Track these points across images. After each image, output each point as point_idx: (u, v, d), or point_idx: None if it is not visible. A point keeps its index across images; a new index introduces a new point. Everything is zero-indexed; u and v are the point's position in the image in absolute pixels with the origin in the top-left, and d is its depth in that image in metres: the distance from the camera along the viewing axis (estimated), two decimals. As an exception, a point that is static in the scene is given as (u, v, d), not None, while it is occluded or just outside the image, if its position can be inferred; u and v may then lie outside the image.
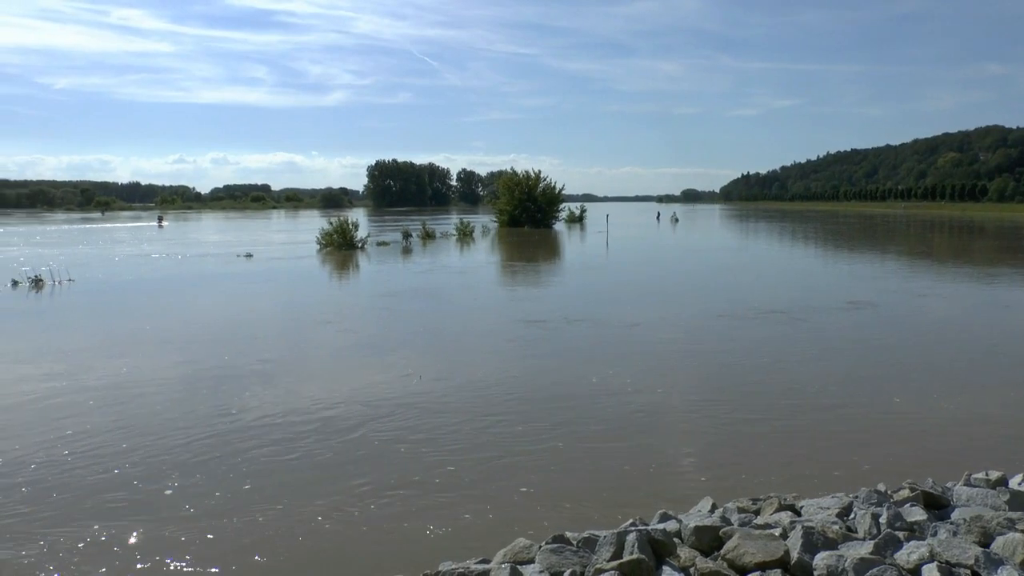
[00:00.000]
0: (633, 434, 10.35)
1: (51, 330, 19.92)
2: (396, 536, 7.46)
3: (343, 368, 14.69)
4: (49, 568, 6.85)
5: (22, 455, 9.70)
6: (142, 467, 9.26)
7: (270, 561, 6.99)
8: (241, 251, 44.95)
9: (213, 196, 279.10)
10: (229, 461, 9.44)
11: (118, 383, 13.63)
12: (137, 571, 6.80)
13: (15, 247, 54.33)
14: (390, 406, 11.73)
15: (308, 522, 7.73)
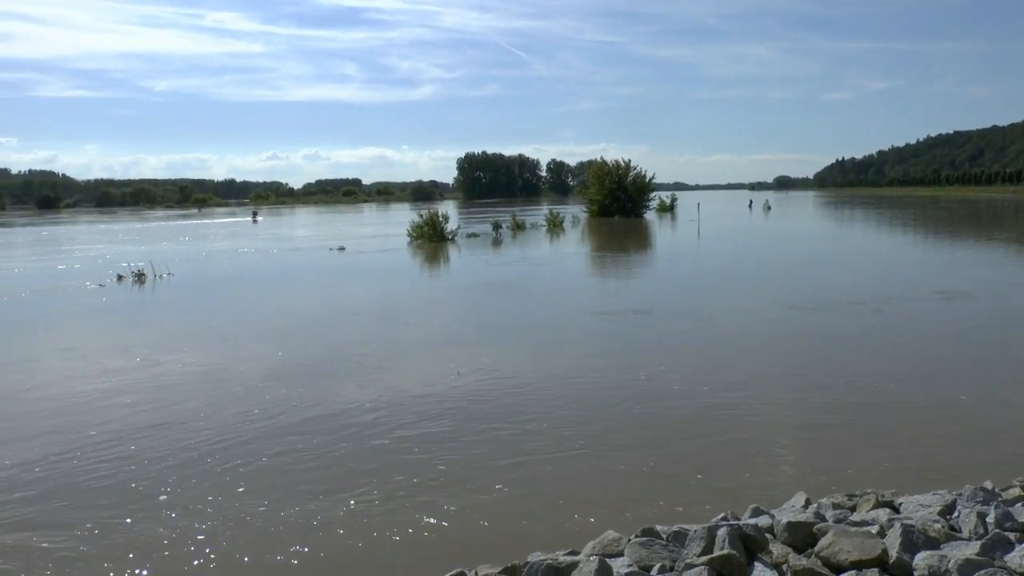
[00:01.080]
0: (717, 428, 10.13)
1: (151, 321, 20.74)
2: (483, 526, 7.46)
3: (426, 360, 14.75)
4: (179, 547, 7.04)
5: (130, 435, 10.04)
6: (237, 452, 9.48)
7: (370, 543, 7.11)
8: (334, 245, 45.54)
9: (305, 191, 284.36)
10: (317, 448, 9.60)
11: (212, 372, 14.09)
12: (255, 555, 6.98)
13: (119, 244, 56.22)
14: (471, 398, 11.75)
15: (393, 510, 7.78)
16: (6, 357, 16.06)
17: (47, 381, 13.65)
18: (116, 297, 25.88)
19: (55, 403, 12.08)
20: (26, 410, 11.75)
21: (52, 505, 8.13)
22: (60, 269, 37.00)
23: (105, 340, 17.95)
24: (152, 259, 33.35)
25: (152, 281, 29.48)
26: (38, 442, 10.11)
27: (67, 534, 7.46)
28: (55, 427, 10.78)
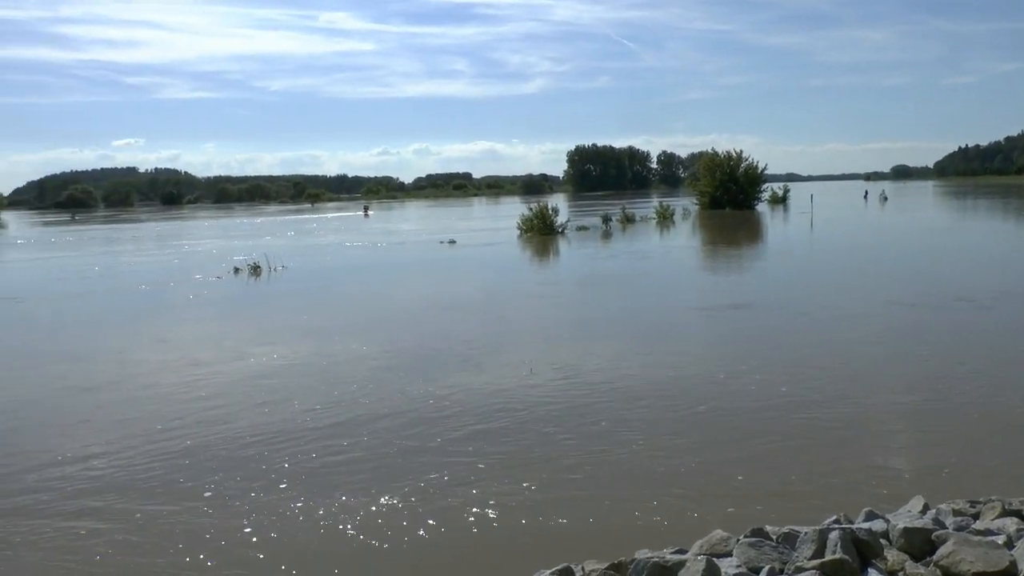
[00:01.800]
0: (825, 427, 9.82)
1: (262, 313, 21.58)
2: (589, 521, 7.42)
3: (523, 352, 14.74)
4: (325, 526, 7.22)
5: (252, 420, 10.39)
6: (356, 435, 9.68)
7: (473, 535, 7.19)
8: (444, 238, 46.02)
9: (416, 185, 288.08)
10: (426, 436, 9.72)
11: (326, 362, 14.43)
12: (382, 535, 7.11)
13: (236, 238, 57.94)
14: (572, 392, 11.71)
15: (495, 503, 7.83)
16: (132, 343, 16.94)
17: (172, 368, 14.28)
18: (233, 289, 26.96)
19: (189, 387, 12.64)
20: (156, 394, 12.34)
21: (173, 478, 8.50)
22: (182, 263, 38.46)
23: (222, 330, 18.71)
24: (267, 252, 34.35)
25: (267, 274, 30.45)
26: (167, 423, 10.62)
27: (192, 504, 7.80)
28: (192, 408, 11.29)
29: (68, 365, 15.02)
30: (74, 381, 13.68)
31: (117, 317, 22.02)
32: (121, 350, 16.54)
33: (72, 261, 42.84)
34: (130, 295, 26.48)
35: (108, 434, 10.43)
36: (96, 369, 14.77)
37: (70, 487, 8.63)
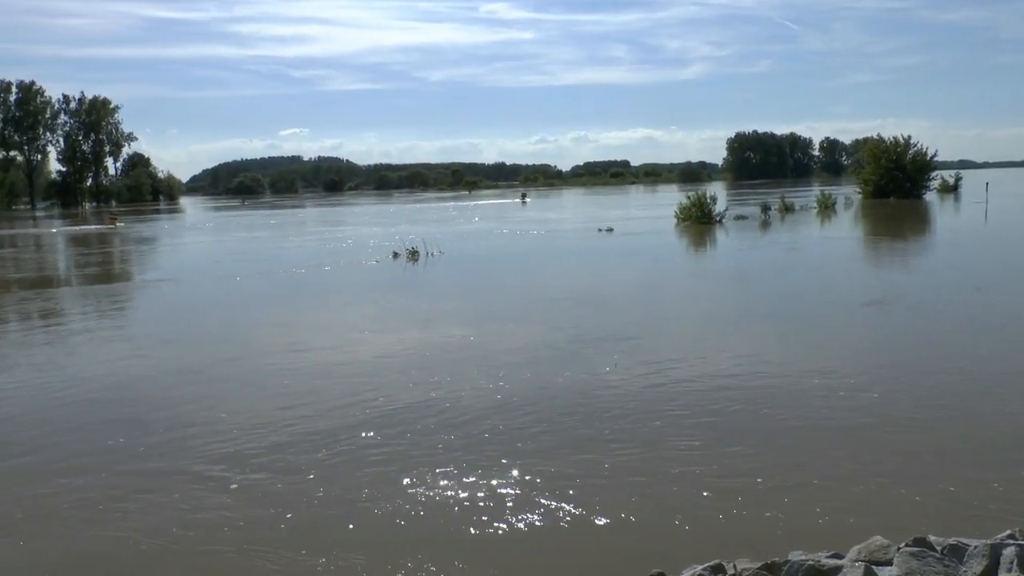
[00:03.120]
0: (995, 438, 9.19)
1: (421, 297, 22.06)
2: (743, 514, 7.29)
3: (695, 342, 14.60)
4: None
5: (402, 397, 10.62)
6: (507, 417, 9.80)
7: (628, 525, 7.14)
8: (601, 226, 45.93)
9: (573, 173, 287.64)
10: (587, 425, 9.71)
11: (480, 343, 14.75)
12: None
13: (395, 224, 59.50)
14: (736, 385, 11.47)
15: (647, 494, 7.76)
16: (291, 323, 17.65)
17: (330, 348, 14.75)
18: (391, 273, 27.83)
19: (334, 367, 13.04)
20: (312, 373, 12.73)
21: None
22: (342, 247, 39.83)
23: (378, 311, 19.32)
24: (424, 238, 35.12)
25: (424, 259, 31.18)
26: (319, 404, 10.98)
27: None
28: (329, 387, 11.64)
29: (236, 343, 15.81)
30: (237, 354, 14.42)
31: (279, 298, 23.03)
32: (284, 328, 17.26)
33: (241, 244, 45.08)
34: (291, 277, 27.75)
35: (267, 404, 10.90)
36: (261, 346, 15.47)
37: (231, 449, 9.07)
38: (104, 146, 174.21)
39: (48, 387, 12.73)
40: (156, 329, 18.55)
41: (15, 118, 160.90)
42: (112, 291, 26.19)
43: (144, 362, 14.45)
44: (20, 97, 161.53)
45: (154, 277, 30.88)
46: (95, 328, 18.92)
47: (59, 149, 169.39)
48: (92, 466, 9.05)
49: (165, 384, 12.77)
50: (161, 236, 58.43)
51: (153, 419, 10.76)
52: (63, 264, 39.80)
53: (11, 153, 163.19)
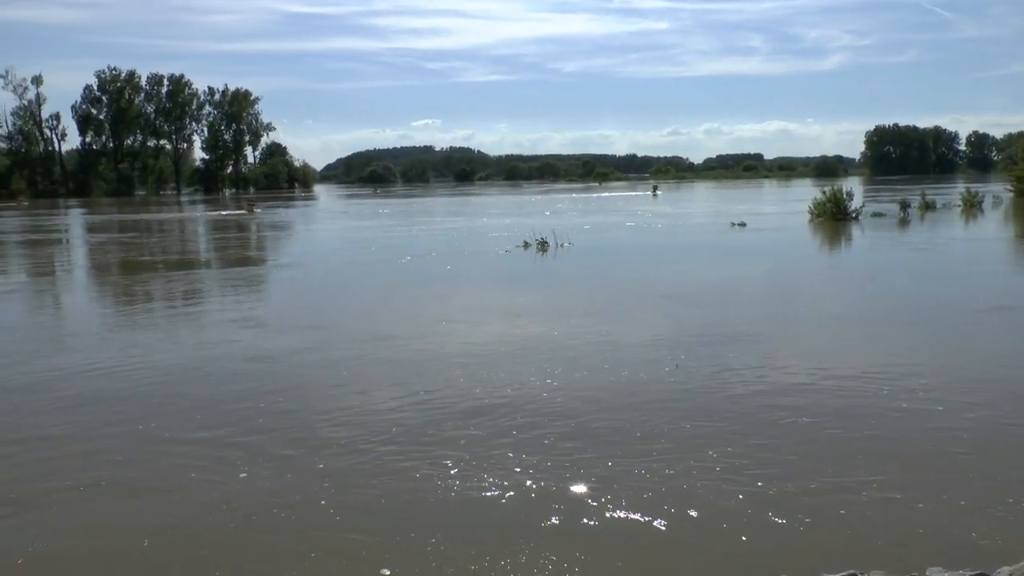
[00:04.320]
0: None
1: (551, 287, 22.20)
2: (880, 526, 6.92)
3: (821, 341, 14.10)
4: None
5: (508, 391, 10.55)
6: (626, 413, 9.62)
7: (754, 531, 6.87)
8: (733, 220, 44.95)
9: (705, 166, 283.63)
10: (702, 423, 9.45)
11: (606, 338, 14.46)
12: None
13: (524, 215, 59.76)
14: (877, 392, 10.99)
15: (774, 499, 7.46)
16: (422, 309, 17.78)
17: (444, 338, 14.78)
18: (521, 263, 28.02)
19: (462, 355, 13.04)
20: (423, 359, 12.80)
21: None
22: (472, 236, 40.29)
23: (510, 300, 19.18)
24: (555, 229, 35.13)
25: (553, 250, 31.18)
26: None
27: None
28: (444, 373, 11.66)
29: (369, 332, 15.98)
30: (366, 341, 14.58)
31: (409, 285, 23.40)
32: (414, 315, 17.50)
33: (372, 232, 45.98)
34: (422, 265, 28.08)
35: (399, 389, 10.98)
36: (417, 330, 15.60)
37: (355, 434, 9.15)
38: (244, 135, 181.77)
39: (172, 363, 13.25)
40: (283, 312, 19.12)
41: (165, 109, 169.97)
42: (248, 274, 27.24)
43: (266, 343, 14.91)
44: (170, 90, 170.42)
45: (287, 261, 31.90)
46: (231, 308, 19.65)
47: (203, 138, 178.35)
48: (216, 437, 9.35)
49: (276, 364, 13.16)
50: (295, 222, 60.26)
51: (265, 390, 11.12)
52: (203, 247, 41.33)
53: (161, 142, 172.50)
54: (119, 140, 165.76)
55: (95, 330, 17.60)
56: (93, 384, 12.10)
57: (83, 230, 55.80)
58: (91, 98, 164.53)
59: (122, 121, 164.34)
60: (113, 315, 19.90)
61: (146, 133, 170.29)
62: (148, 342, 15.48)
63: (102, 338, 16.30)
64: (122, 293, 23.92)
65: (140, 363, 13.38)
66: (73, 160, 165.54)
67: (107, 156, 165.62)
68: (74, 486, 8.13)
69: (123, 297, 23.03)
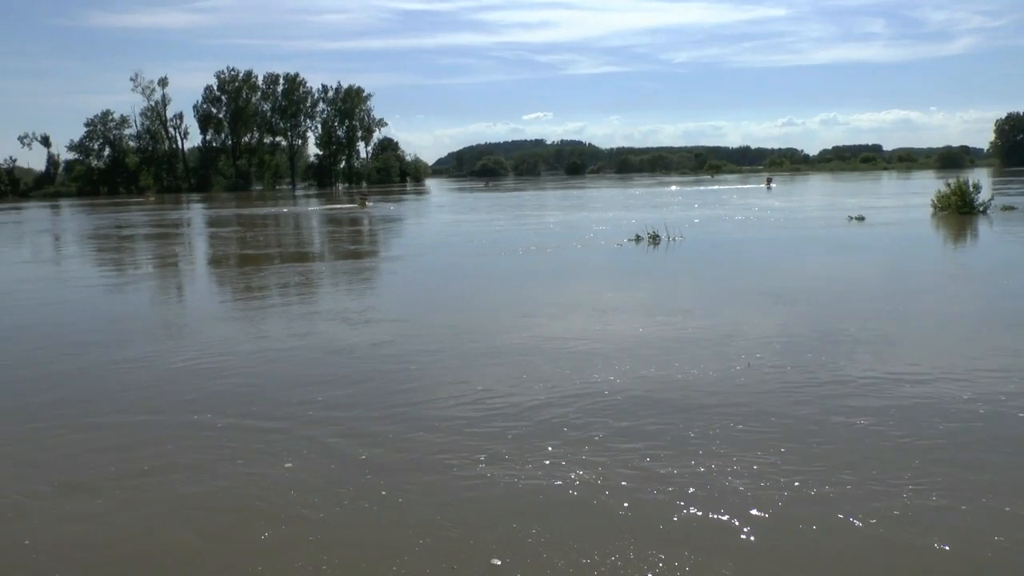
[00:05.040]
0: None
1: (663, 280, 21.62)
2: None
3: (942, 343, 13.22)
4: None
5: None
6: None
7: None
8: (850, 213, 43.33)
9: (821, 158, 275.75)
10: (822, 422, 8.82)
11: (720, 333, 14.00)
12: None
13: (636, 208, 59.20)
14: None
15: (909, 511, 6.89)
16: (535, 302, 17.44)
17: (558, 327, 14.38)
18: (633, 256, 27.62)
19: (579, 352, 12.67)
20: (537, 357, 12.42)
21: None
22: (584, 229, 39.86)
23: (622, 295, 18.67)
24: (666, 222, 34.50)
25: (665, 243, 30.61)
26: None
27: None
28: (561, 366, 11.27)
29: (452, 325, 15.66)
30: (481, 333, 14.31)
31: (520, 276, 23.39)
32: (501, 309, 17.28)
33: (483, 225, 46.11)
34: (533, 257, 28.02)
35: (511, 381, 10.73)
36: (499, 324, 15.55)
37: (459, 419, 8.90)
38: (357, 131, 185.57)
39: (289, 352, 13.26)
40: (376, 304, 19.18)
41: (281, 107, 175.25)
42: (351, 267, 27.62)
43: (351, 335, 14.90)
44: (286, 88, 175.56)
45: (391, 255, 32.00)
46: (328, 300, 19.82)
47: (317, 135, 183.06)
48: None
49: (352, 356, 13.22)
50: (405, 216, 60.80)
51: (331, 380, 11.08)
52: (314, 240, 42.00)
53: (277, 139, 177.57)
54: (237, 137, 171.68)
55: (190, 320, 18.08)
56: (153, 372, 12.33)
57: (203, 224, 57.42)
58: (211, 98, 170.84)
59: (240, 119, 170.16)
60: (214, 305, 20.41)
61: (262, 130, 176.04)
62: (236, 333, 15.79)
63: (192, 328, 16.76)
64: (229, 285, 24.57)
65: (222, 352, 13.75)
66: (194, 157, 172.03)
67: (226, 153, 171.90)
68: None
69: (229, 289, 23.64)
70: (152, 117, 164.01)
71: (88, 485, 8.15)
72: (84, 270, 30.28)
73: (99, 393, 11.58)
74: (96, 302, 21.40)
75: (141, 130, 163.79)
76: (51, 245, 43.88)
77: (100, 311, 19.81)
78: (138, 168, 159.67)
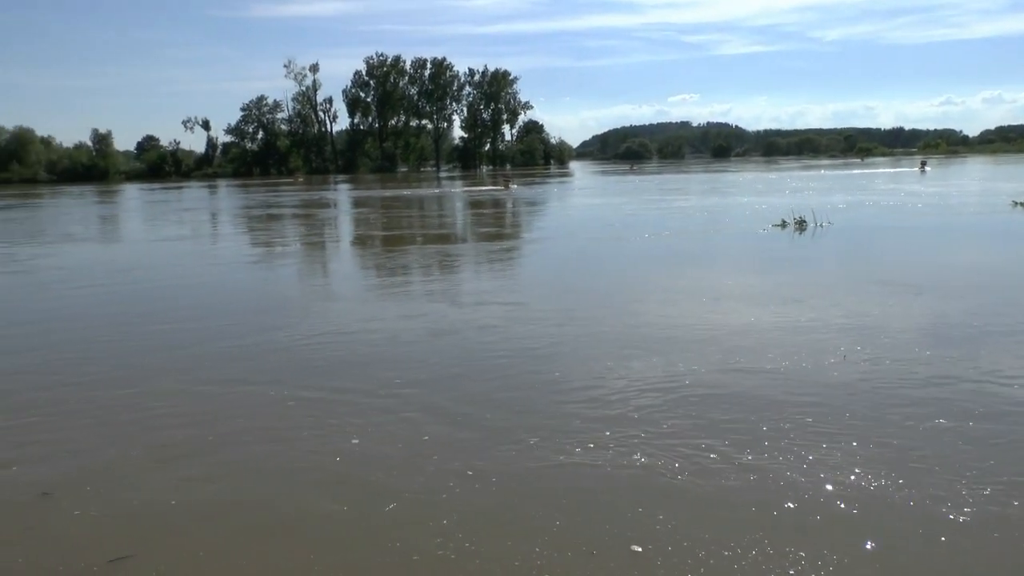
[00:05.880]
0: None
1: (782, 269, 20.92)
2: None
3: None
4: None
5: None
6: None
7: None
8: (1016, 198, 40.31)
9: (982, 139, 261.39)
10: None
11: (797, 325, 13.50)
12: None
13: (782, 192, 57.61)
14: None
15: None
16: (676, 287, 17.16)
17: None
18: (777, 243, 26.81)
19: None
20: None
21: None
22: (728, 213, 39.17)
23: (764, 281, 18.28)
24: (814, 207, 33.27)
25: (812, 229, 29.52)
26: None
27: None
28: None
29: (561, 309, 15.51)
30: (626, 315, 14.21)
31: (662, 261, 23.03)
32: (613, 295, 17.01)
33: (627, 208, 45.90)
34: (675, 241, 27.53)
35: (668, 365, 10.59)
36: (607, 310, 15.29)
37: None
38: (502, 114, 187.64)
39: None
40: (494, 287, 19.25)
41: (428, 91, 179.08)
42: (491, 248, 27.66)
43: (459, 316, 15.07)
44: (433, 72, 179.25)
45: (527, 238, 32.07)
46: (449, 281, 20.08)
47: (462, 118, 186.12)
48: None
49: (452, 337, 13.25)
50: (548, 198, 60.80)
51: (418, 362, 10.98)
52: (456, 222, 42.45)
53: (423, 122, 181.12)
54: (384, 121, 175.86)
55: (312, 299, 18.37)
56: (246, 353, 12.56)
57: (348, 205, 58.87)
58: (360, 82, 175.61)
59: (387, 103, 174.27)
60: (340, 285, 21.04)
61: (409, 113, 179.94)
62: (348, 312, 16.20)
63: (305, 307, 16.95)
64: (360, 265, 25.31)
65: (330, 330, 14.14)
66: (342, 140, 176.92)
67: (372, 136, 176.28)
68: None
69: (359, 268, 24.34)
70: (303, 102, 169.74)
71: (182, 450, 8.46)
72: (228, 247, 31.89)
73: (205, 362, 12.09)
74: (228, 277, 22.31)
75: (292, 114, 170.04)
76: (208, 222, 45.97)
77: (229, 286, 20.66)
78: (288, 150, 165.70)
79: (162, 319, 15.61)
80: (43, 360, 12.51)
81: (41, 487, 7.65)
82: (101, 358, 12.58)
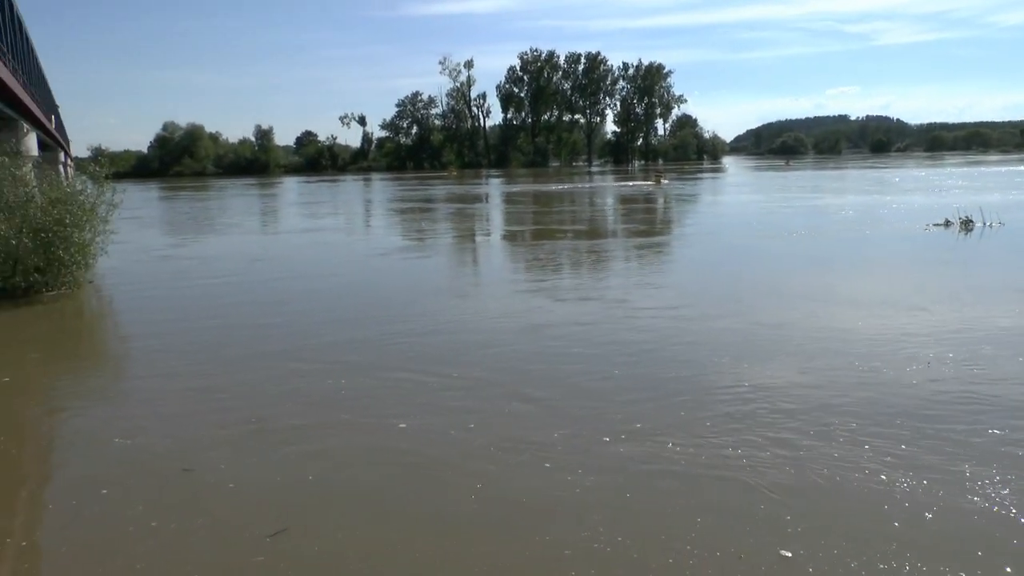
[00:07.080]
0: None
1: (916, 271, 20.25)
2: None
3: None
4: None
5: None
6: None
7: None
8: None
9: None
10: None
11: (897, 330, 12.97)
12: None
13: (946, 189, 54.96)
14: None
15: None
16: (831, 286, 16.59)
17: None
18: (940, 242, 25.37)
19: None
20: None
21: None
22: (887, 211, 37.52)
23: (926, 282, 17.60)
24: (982, 206, 31.56)
25: (980, 229, 27.92)
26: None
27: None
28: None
29: (665, 306, 15.33)
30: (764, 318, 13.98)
31: (816, 260, 22.42)
32: (753, 297, 16.41)
33: (780, 204, 44.75)
34: (831, 240, 26.61)
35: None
36: (715, 310, 15.04)
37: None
38: (655, 108, 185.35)
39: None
40: (606, 285, 19.18)
41: (581, 86, 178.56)
42: (628, 245, 27.42)
43: (562, 313, 15.10)
44: (586, 67, 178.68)
45: (678, 233, 31.66)
46: (567, 279, 20.06)
47: (615, 112, 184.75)
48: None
49: (542, 334, 13.17)
50: (699, 195, 59.72)
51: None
52: (604, 217, 42.16)
53: (575, 116, 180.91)
54: (536, 115, 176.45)
55: (434, 292, 18.41)
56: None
57: (499, 199, 59.30)
58: (513, 78, 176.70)
59: (540, 98, 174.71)
60: (467, 277, 21.51)
61: (562, 108, 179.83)
62: (458, 307, 16.39)
63: (412, 301, 16.92)
64: (493, 261, 25.51)
65: (433, 320, 14.62)
66: (495, 135, 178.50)
67: (525, 131, 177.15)
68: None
69: (493, 262, 24.74)
70: (457, 97, 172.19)
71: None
72: (377, 238, 32.63)
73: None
74: (364, 266, 23.18)
75: (446, 109, 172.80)
76: (361, 214, 47.07)
77: (362, 275, 21.48)
78: (442, 145, 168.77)
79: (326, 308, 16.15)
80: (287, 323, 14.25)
81: (181, 463, 7.95)
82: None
